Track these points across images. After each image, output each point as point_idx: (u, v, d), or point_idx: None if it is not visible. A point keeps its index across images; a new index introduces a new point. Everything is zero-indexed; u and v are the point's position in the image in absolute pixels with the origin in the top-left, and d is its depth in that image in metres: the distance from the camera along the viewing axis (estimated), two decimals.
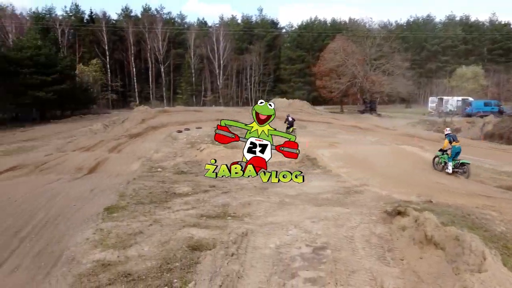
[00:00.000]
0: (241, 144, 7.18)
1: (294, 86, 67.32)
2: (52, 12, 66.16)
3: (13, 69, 34.17)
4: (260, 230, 7.11)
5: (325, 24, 75.35)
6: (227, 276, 5.15)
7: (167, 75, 66.28)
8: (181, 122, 32.04)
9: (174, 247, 6.24)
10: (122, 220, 7.64)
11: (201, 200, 9.35)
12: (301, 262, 5.83)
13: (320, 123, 33.48)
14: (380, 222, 7.39)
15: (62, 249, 6.46)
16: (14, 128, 32.31)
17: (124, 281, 5.21)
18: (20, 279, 5.57)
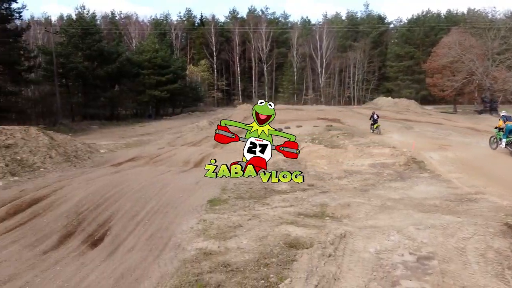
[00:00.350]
0: (342, 143, 6.98)
1: (401, 84, 63.44)
2: (168, 18, 72.39)
3: (135, 71, 38.28)
4: (359, 233, 6.83)
5: (438, 17, 69.55)
6: (323, 277, 5.06)
7: (269, 74, 67.82)
8: (281, 121, 32.47)
9: (271, 242, 6.33)
10: (223, 213, 8.01)
11: (299, 198, 9.35)
12: (403, 270, 5.45)
13: (429, 123, 31.05)
14: (499, 236, 6.55)
15: (170, 235, 7.01)
16: (134, 123, 36.22)
17: (223, 270, 5.44)
18: (135, 259, 6.19)
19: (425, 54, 59.07)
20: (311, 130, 25.60)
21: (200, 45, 66.38)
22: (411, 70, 63.63)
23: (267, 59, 66.82)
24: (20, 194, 9.75)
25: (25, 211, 8.63)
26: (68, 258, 6.39)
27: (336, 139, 20.83)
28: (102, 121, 35.36)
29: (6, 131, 13.24)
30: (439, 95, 50.33)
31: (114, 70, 36.00)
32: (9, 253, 6.55)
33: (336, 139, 20.71)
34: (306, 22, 76.56)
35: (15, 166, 12.04)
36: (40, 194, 9.68)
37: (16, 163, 12.20)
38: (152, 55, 39.75)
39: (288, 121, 31.25)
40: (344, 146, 18.11)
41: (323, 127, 26.76)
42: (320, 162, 14.21)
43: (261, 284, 5.03)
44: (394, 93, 59.02)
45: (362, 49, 64.46)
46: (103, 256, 6.45)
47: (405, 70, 64.51)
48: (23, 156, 12.73)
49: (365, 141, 19.06)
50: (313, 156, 15.18)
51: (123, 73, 37.50)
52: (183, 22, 71.39)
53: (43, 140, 14.21)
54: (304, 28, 71.24)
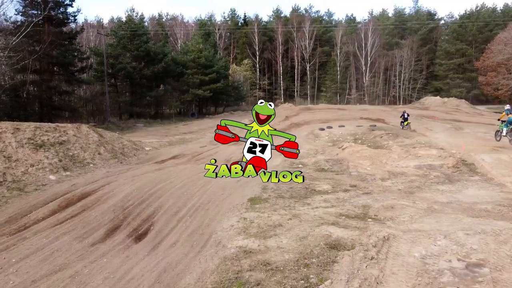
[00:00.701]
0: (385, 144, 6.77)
1: (451, 83, 60.60)
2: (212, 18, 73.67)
3: (179, 71, 39.29)
4: (404, 236, 6.59)
5: (494, 11, 65.76)
6: (365, 280, 4.92)
7: (312, 73, 67.23)
8: (323, 120, 32.10)
9: (312, 243, 6.26)
10: (264, 212, 8.01)
11: (341, 199, 9.17)
12: (450, 277, 5.19)
13: (480, 124, 29.46)
14: None
15: (211, 232, 7.12)
16: (178, 122, 37.18)
17: (263, 269, 5.44)
18: (177, 254, 6.33)
19: (478, 51, 56.23)
20: (354, 130, 25.11)
21: (243, 45, 66.95)
22: (462, 68, 60.71)
23: (310, 58, 66.21)
24: (71, 188, 10.28)
25: (76, 205, 9.07)
26: (114, 250, 6.65)
27: (380, 139, 20.30)
28: (147, 120, 36.61)
29: (60, 128, 14.01)
30: (492, 94, 47.74)
31: (160, 70, 37.14)
32: (60, 244, 6.92)
33: (379, 140, 20.18)
34: (351, 20, 75.10)
35: (67, 162, 12.71)
36: (89, 189, 10.16)
37: (68, 159, 12.87)
38: (196, 55, 40.60)
39: (330, 121, 30.83)
40: (388, 146, 17.61)
41: (366, 127, 26.14)
42: (363, 163, 13.88)
43: (300, 284, 4.98)
44: (443, 92, 56.58)
45: (409, 46, 62.30)
46: (146, 250, 6.65)
47: (455, 68, 61.59)
48: (75, 152, 13.41)
49: (411, 142, 18.43)
50: (355, 157, 14.86)
51: (168, 72, 38.62)
52: (226, 22, 72.39)
53: (93, 137, 14.90)
54: (348, 26, 69.90)
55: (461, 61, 60.95)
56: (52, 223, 8.01)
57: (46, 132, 13.28)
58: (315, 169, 13.38)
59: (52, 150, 12.70)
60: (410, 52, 62.31)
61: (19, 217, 8.34)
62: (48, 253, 6.52)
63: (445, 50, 63.18)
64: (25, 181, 10.83)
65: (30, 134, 12.69)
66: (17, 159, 11.49)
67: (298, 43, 65.98)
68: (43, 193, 10.06)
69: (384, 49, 64.86)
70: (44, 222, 8.06)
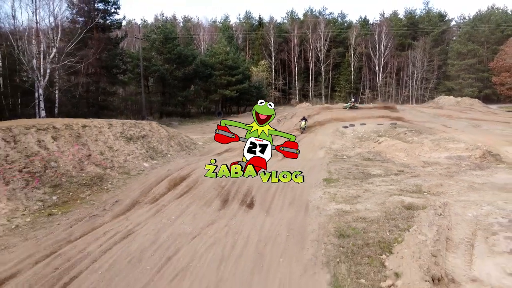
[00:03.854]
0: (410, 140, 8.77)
1: (463, 83, 62.28)
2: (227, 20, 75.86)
3: (208, 72, 41.60)
4: (456, 204, 8.74)
5: (505, 13, 67.39)
6: (440, 226, 7.07)
7: (327, 74, 69.12)
8: (343, 119, 33.75)
9: (391, 206, 8.42)
10: (340, 188, 10.19)
11: (395, 180, 11.29)
12: (499, 227, 7.33)
13: (496, 122, 31.34)
14: None
15: (306, 201, 9.27)
16: (206, 120, 39.36)
17: (363, 221, 7.61)
18: (290, 214, 8.48)
19: (490, 52, 57.90)
20: (376, 127, 26.66)
21: (260, 46, 69.05)
22: (474, 69, 62.35)
23: (325, 59, 68.17)
24: (169, 173, 12.48)
25: (181, 184, 11.24)
26: (239, 213, 8.77)
27: (404, 135, 22.11)
28: (179, 118, 38.85)
29: (138, 124, 16.25)
30: (505, 94, 49.60)
31: (191, 71, 39.49)
32: (195, 209, 9.05)
33: (403, 136, 21.99)
34: (364, 22, 76.88)
35: (152, 152, 14.96)
36: (183, 173, 12.34)
37: (151, 150, 15.12)
38: (224, 57, 42.87)
39: (346, 120, 32.47)
40: (416, 142, 19.59)
41: (387, 125, 27.87)
42: (399, 155, 15.94)
43: (394, 229, 7.13)
44: (455, 92, 58.28)
45: (422, 47, 64.10)
46: (263, 213, 8.77)
47: (467, 69, 63.22)
48: (154, 145, 15.66)
49: (434, 138, 20.26)
50: (392, 149, 16.92)
51: (197, 74, 40.90)
52: (242, 24, 74.59)
53: (163, 132, 17.14)
54: (362, 28, 71.72)
55: (473, 62, 62.51)
56: (173, 196, 10.18)
57: (130, 127, 15.53)
58: (361, 159, 15.50)
59: (139, 143, 14.96)
60: (422, 53, 64.07)
61: (146, 192, 10.54)
62: (192, 214, 8.68)
63: (457, 51, 64.80)
64: (127, 167, 13.08)
65: (120, 129, 14.95)
66: (117, 149, 13.75)
67: (313, 45, 67.98)
68: (148, 176, 12.30)
69: (397, 50, 66.65)
70: (167, 196, 10.24)
